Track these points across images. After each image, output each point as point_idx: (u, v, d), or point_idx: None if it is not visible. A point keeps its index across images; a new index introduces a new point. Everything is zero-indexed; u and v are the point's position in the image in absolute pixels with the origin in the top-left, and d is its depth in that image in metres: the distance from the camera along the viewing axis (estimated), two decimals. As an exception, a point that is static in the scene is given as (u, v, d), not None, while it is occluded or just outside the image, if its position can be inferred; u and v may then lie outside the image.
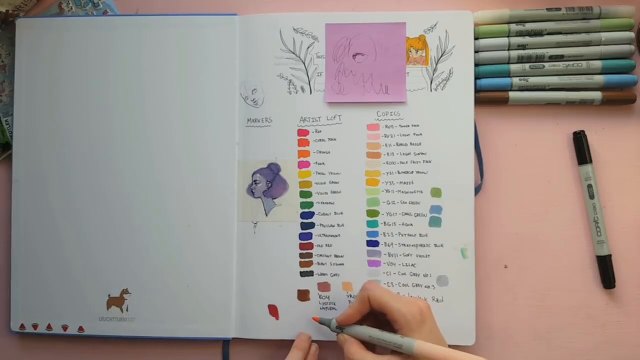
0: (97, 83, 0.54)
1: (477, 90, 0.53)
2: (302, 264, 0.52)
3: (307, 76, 0.53)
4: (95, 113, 0.54)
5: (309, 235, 0.53)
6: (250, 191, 0.53)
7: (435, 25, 0.53)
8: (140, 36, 0.54)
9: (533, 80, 0.53)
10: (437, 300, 0.51)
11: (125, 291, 0.53)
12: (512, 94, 0.53)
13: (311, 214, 0.53)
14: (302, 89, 0.53)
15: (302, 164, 0.53)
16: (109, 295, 0.53)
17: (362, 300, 0.46)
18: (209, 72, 0.54)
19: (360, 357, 0.44)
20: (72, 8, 0.56)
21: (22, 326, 0.53)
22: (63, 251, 0.53)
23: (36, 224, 0.54)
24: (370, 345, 0.46)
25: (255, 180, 0.53)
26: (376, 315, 0.47)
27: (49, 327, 0.53)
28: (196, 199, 0.53)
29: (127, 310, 0.53)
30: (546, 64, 0.53)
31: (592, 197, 0.52)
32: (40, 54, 0.54)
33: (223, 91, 0.54)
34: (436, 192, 0.52)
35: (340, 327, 0.48)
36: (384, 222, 0.52)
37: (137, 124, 0.54)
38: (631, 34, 0.53)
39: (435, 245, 0.52)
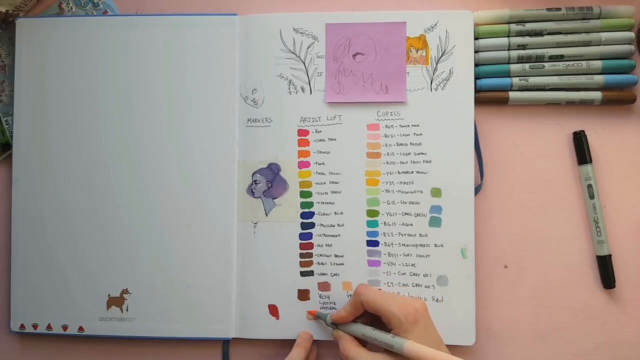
0: (97, 83, 0.54)
1: (477, 90, 0.53)
2: (302, 264, 0.52)
3: (307, 76, 0.53)
4: (95, 113, 0.54)
5: (309, 235, 0.53)
6: (250, 191, 0.53)
7: (435, 25, 0.53)
8: (140, 36, 0.54)
9: (533, 80, 0.53)
10: (437, 300, 0.51)
11: (125, 291, 0.53)
12: (512, 94, 0.53)
13: (311, 214, 0.53)
14: (302, 89, 0.53)
15: (302, 164, 0.53)
16: (109, 295, 0.53)
17: (356, 305, 0.47)
18: (209, 72, 0.54)
19: (354, 353, 0.45)
20: (72, 8, 0.56)
21: (22, 326, 0.53)
22: (63, 251, 0.53)
23: (36, 224, 0.54)
24: (364, 341, 0.47)
25: (255, 180, 0.53)
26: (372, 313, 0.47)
27: (49, 327, 0.53)
28: (196, 199, 0.53)
29: (127, 310, 0.53)
30: (546, 64, 0.53)
31: (592, 197, 0.52)
32: (40, 54, 0.54)
33: (223, 91, 0.53)
34: (436, 192, 0.52)
35: (335, 324, 0.48)
36: (384, 222, 0.52)
37: (138, 123, 0.54)
38: (631, 34, 0.53)
39: (435, 245, 0.52)
